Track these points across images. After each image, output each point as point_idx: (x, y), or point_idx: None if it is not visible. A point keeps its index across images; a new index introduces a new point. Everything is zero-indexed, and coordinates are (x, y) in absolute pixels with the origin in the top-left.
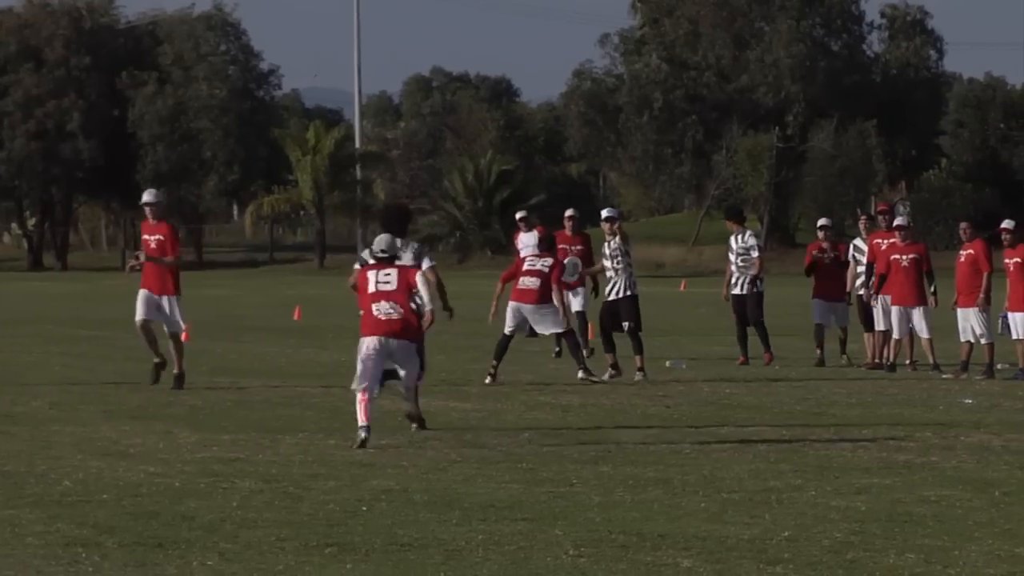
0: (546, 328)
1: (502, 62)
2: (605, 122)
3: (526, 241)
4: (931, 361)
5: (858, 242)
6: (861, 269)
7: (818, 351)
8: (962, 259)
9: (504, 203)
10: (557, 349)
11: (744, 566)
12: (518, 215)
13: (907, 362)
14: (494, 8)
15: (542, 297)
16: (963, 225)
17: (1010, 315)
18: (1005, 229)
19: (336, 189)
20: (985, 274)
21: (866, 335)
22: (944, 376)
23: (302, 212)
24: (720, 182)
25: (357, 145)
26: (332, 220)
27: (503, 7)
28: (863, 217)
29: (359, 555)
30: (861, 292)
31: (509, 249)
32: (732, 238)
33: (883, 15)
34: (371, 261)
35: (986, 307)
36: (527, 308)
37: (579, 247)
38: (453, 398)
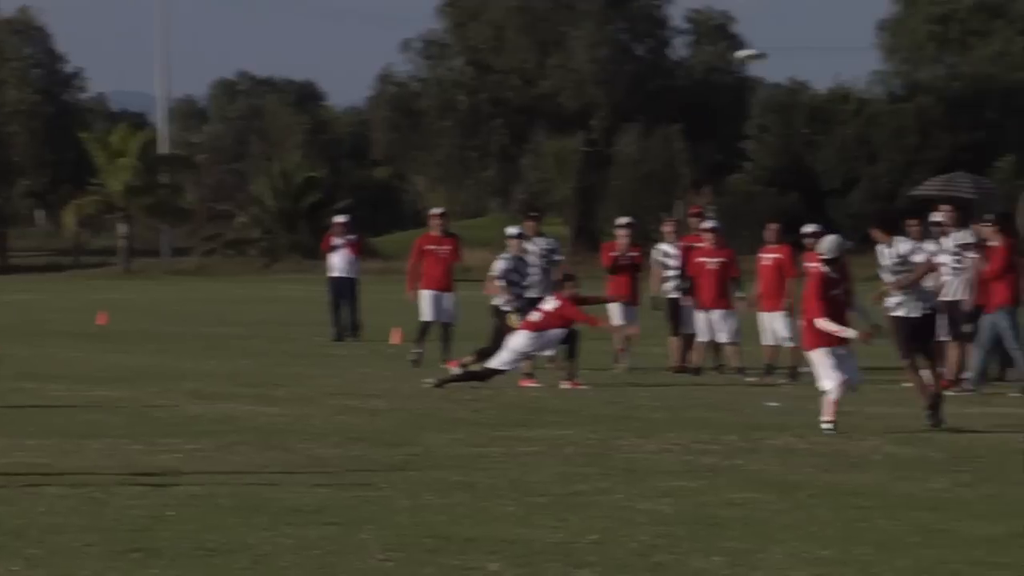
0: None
1: (308, 66)
2: (410, 126)
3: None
4: (735, 365)
5: (664, 246)
6: (668, 273)
7: (622, 359)
8: (767, 263)
9: (312, 207)
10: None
11: (551, 569)
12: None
13: (713, 366)
14: (300, 12)
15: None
16: (773, 226)
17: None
18: (809, 234)
19: (143, 193)
20: (790, 279)
21: (671, 339)
22: (749, 380)
23: (107, 216)
24: (526, 186)
25: (163, 149)
26: (136, 224)
27: (309, 11)
28: (671, 220)
29: (165, 560)
30: (673, 295)
31: (317, 253)
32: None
33: (687, 20)
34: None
35: (791, 311)
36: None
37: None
38: (260, 403)
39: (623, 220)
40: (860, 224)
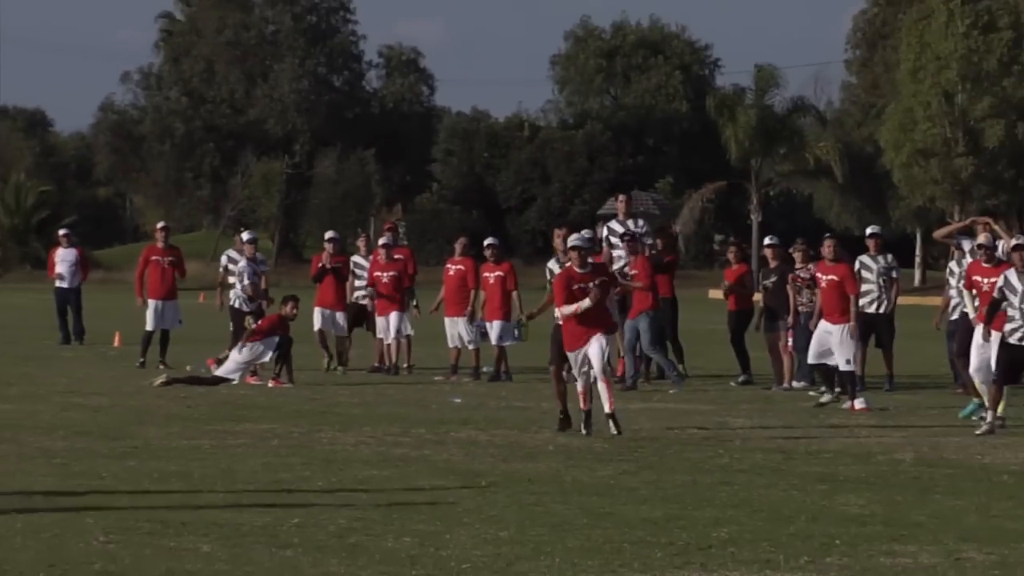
0: None
1: (38, 95)
2: (130, 150)
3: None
4: (408, 363)
5: (357, 258)
6: (360, 283)
7: (325, 356)
8: (451, 272)
9: (41, 223)
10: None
11: (258, 550)
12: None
13: (405, 366)
14: (29, 46)
15: None
16: (463, 239)
17: (487, 323)
18: (491, 246)
19: None
20: (472, 289)
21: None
22: (437, 378)
23: None
24: (235, 204)
25: None
26: None
27: (36, 45)
28: (362, 235)
29: None
30: (365, 302)
31: (46, 265)
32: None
33: (380, 54)
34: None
35: (473, 317)
36: None
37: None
38: None
39: (329, 234)
40: (535, 239)
